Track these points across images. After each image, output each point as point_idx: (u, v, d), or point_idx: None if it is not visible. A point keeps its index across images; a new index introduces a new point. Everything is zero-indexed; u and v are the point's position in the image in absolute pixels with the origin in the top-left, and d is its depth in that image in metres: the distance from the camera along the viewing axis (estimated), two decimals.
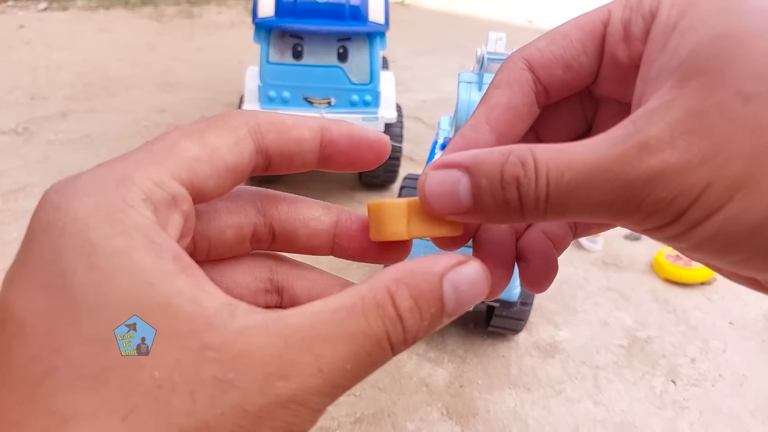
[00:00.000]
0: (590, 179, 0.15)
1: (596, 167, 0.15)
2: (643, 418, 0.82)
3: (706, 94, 0.14)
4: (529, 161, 0.15)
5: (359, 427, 0.78)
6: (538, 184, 0.15)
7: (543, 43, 0.19)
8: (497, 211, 0.16)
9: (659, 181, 0.14)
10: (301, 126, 0.18)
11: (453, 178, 0.16)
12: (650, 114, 0.15)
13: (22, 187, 1.27)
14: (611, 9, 0.18)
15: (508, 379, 0.87)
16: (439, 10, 2.96)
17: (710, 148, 0.14)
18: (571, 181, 0.15)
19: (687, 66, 0.15)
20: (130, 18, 2.50)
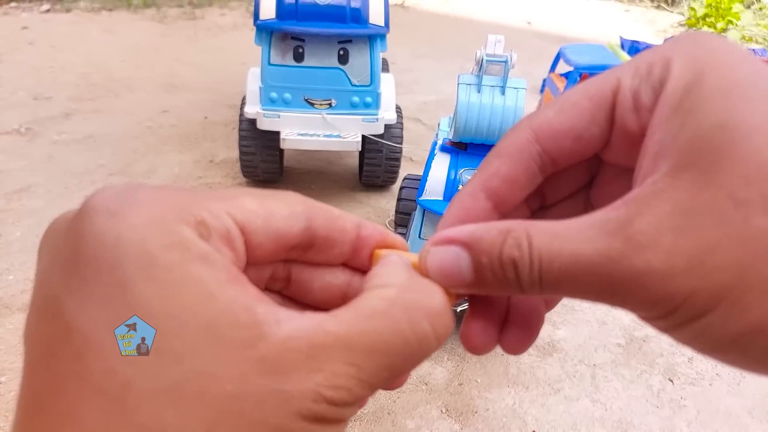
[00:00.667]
0: (577, 270, 0.15)
1: (583, 259, 0.15)
2: (640, 416, 0.82)
3: (697, 190, 0.14)
4: (524, 245, 0.16)
5: (359, 425, 0.79)
6: (532, 268, 0.16)
7: (552, 113, 0.18)
8: (498, 286, 0.17)
9: (643, 284, 0.14)
10: (345, 218, 0.19)
11: (454, 254, 0.17)
12: (641, 202, 0.15)
13: (26, 187, 1.28)
14: (620, 77, 0.17)
15: (507, 378, 0.87)
16: (439, 12, 2.98)
17: (696, 254, 0.14)
18: (560, 269, 0.15)
19: (683, 154, 0.15)
20: (133, 20, 2.52)
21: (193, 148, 1.48)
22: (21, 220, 1.17)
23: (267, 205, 0.17)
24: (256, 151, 1.22)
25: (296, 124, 1.14)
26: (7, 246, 1.09)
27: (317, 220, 0.18)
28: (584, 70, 1.44)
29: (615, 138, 0.18)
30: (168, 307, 0.13)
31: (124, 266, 0.14)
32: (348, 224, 0.19)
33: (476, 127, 0.79)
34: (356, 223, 0.19)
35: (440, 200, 0.82)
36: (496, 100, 0.78)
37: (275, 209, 0.17)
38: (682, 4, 3.16)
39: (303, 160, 1.45)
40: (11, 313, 0.94)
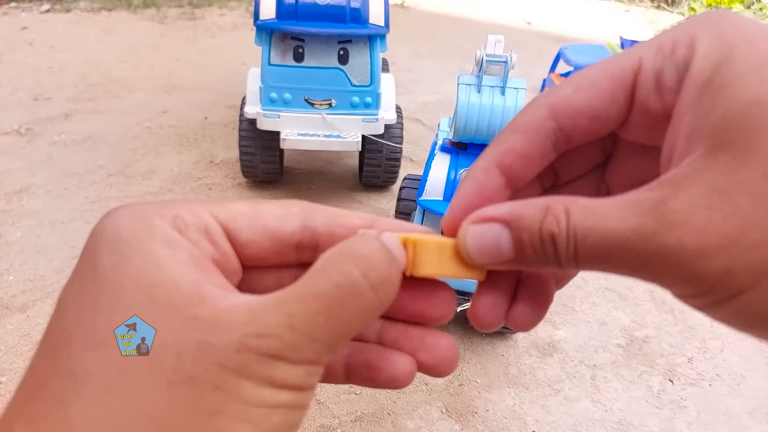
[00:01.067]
0: (610, 246, 0.15)
1: (616, 236, 0.15)
2: (641, 417, 0.82)
3: (732, 170, 0.14)
4: (563, 221, 0.16)
5: (360, 425, 0.78)
6: (569, 244, 0.16)
7: (570, 91, 0.18)
8: (538, 262, 0.17)
9: (675, 262, 0.14)
10: (351, 216, 0.19)
11: (494, 232, 0.17)
12: (677, 183, 0.15)
13: (25, 187, 1.28)
14: (642, 57, 0.17)
15: (507, 378, 0.87)
16: (439, 12, 2.98)
17: (731, 231, 0.14)
18: (594, 245, 0.16)
19: (718, 133, 0.14)
20: (132, 20, 2.52)
21: (192, 149, 1.48)
22: (20, 221, 1.17)
23: (257, 207, 0.18)
24: (256, 152, 1.21)
25: (296, 125, 1.14)
26: (7, 246, 1.09)
27: (316, 219, 0.19)
28: None
29: (634, 117, 0.18)
30: (118, 274, 0.15)
31: (99, 249, 0.16)
32: (356, 220, 0.19)
33: (476, 127, 0.79)
34: (368, 219, 0.20)
35: (440, 200, 0.81)
36: (496, 100, 0.78)
37: (265, 210, 0.18)
38: (682, 4, 3.16)
39: (303, 160, 1.45)
40: (11, 314, 0.94)
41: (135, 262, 0.16)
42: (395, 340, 0.20)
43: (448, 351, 0.20)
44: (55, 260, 1.06)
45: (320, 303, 0.15)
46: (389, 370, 0.19)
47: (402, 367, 0.19)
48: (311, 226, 0.19)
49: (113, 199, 1.26)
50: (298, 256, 0.19)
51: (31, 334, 0.90)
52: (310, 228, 0.19)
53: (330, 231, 0.19)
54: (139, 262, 0.16)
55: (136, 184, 1.31)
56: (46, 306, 0.96)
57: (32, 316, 0.94)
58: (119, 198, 1.26)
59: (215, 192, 1.30)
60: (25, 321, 0.93)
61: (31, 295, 0.98)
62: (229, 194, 1.30)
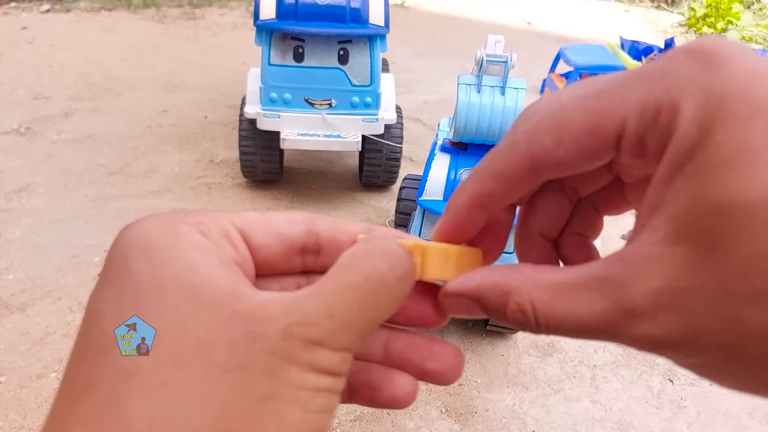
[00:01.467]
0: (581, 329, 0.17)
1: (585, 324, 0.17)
2: (640, 417, 0.82)
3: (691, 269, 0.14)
4: (528, 309, 0.18)
5: (359, 425, 0.78)
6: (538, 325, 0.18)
7: (550, 143, 0.18)
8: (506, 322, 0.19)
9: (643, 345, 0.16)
10: (351, 224, 0.21)
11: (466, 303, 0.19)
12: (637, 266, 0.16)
13: (26, 186, 1.28)
14: (625, 118, 0.17)
15: (507, 378, 0.87)
16: (439, 12, 2.97)
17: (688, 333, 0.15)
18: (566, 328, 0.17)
19: (680, 226, 0.15)
20: (133, 19, 2.52)
21: (192, 148, 1.48)
22: (21, 220, 1.17)
23: (267, 214, 0.20)
24: (256, 151, 1.22)
25: (296, 124, 1.14)
26: (7, 245, 1.09)
27: (319, 224, 0.20)
28: (584, 70, 1.44)
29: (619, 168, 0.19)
30: (155, 277, 0.16)
31: (129, 256, 0.17)
32: (355, 227, 0.21)
33: (476, 127, 0.79)
34: (365, 228, 0.21)
35: (440, 200, 0.81)
36: (496, 100, 0.78)
37: (275, 216, 0.20)
38: (682, 5, 3.16)
39: (303, 160, 1.45)
40: (11, 313, 0.94)
41: (171, 265, 0.16)
42: (402, 351, 0.21)
43: (455, 357, 0.21)
44: (54, 259, 1.06)
45: (355, 293, 0.17)
46: (391, 389, 0.20)
47: (403, 387, 0.21)
48: (315, 230, 0.20)
49: (113, 198, 1.26)
50: (302, 261, 0.21)
51: (30, 333, 0.90)
52: (314, 232, 0.20)
53: (332, 236, 0.21)
54: (176, 266, 0.16)
55: (137, 183, 1.31)
56: (45, 305, 0.96)
57: (32, 315, 0.94)
58: (119, 197, 1.26)
59: (215, 191, 1.30)
60: (24, 320, 0.93)
61: (31, 294, 0.98)
62: (229, 194, 1.30)
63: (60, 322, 0.93)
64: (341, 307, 0.17)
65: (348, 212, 1.26)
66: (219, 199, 1.27)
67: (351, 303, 0.17)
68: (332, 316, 0.17)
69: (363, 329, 0.17)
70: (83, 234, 1.13)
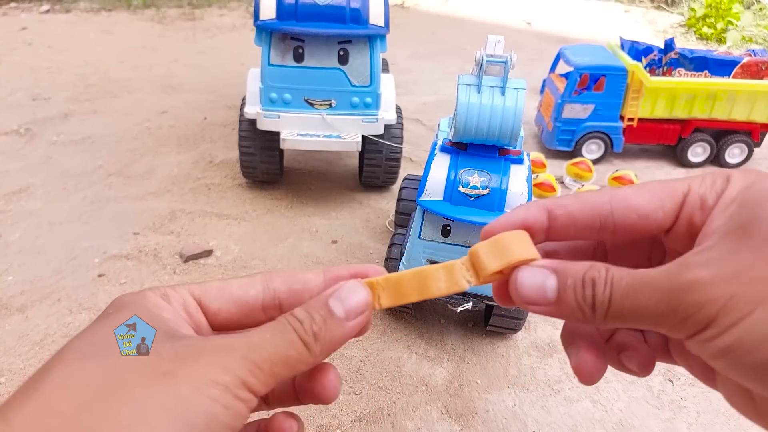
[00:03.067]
0: (641, 286, 0.20)
1: (647, 278, 0.20)
2: (641, 417, 0.82)
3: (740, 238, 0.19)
4: (603, 272, 0.21)
5: (359, 425, 0.78)
6: (605, 287, 0.20)
7: (631, 191, 0.23)
8: (575, 306, 0.21)
9: (693, 290, 0.19)
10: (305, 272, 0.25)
11: (543, 274, 0.21)
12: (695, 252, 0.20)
13: (24, 188, 1.27)
14: (691, 184, 0.23)
15: (507, 379, 0.87)
16: (439, 13, 2.97)
17: (736, 269, 0.18)
18: (628, 285, 0.20)
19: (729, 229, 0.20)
20: (132, 20, 2.51)
21: (192, 149, 1.47)
22: (19, 222, 1.16)
23: (226, 281, 0.24)
24: (256, 152, 1.21)
25: (296, 125, 1.14)
26: (6, 247, 1.09)
27: (274, 281, 0.24)
28: (584, 71, 1.44)
29: (680, 227, 0.23)
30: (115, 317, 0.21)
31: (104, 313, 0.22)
32: (310, 275, 0.25)
33: (476, 127, 0.78)
34: (320, 272, 0.25)
35: (440, 201, 0.81)
36: (496, 100, 0.78)
37: (233, 281, 0.24)
38: (681, 5, 3.16)
39: (303, 160, 1.45)
40: (10, 314, 0.94)
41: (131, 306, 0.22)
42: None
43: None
44: (53, 261, 1.06)
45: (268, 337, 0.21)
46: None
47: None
48: (271, 287, 0.24)
49: (112, 199, 1.25)
50: (266, 316, 0.24)
51: (29, 334, 0.90)
52: (271, 289, 0.24)
53: (288, 288, 0.24)
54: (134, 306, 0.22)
55: (135, 185, 1.31)
56: (44, 307, 0.96)
57: (31, 317, 0.93)
58: (118, 198, 1.26)
59: (214, 192, 1.30)
60: (23, 322, 0.92)
61: (30, 295, 0.98)
62: (228, 194, 1.29)
63: (59, 323, 0.92)
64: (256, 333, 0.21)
65: (348, 213, 1.26)
66: (218, 200, 1.27)
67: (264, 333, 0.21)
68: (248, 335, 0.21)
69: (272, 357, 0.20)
70: (82, 236, 1.13)
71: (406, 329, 0.95)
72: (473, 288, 0.86)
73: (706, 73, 1.44)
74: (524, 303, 0.22)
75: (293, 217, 1.23)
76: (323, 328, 0.22)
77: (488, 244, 0.22)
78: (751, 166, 1.54)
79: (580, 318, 0.21)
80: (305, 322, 0.22)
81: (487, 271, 0.22)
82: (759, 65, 1.42)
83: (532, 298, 0.21)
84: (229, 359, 0.20)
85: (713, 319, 0.18)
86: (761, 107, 1.44)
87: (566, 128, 1.49)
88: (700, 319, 0.19)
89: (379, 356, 0.89)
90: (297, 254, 1.11)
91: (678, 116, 1.47)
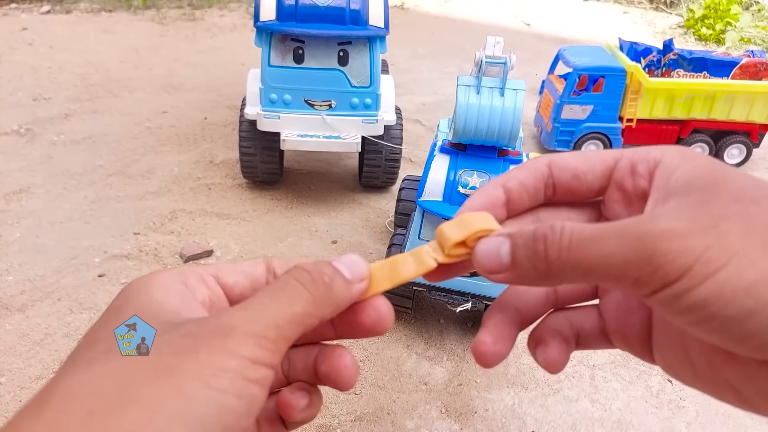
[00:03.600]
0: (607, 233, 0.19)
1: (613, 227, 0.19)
2: (640, 417, 0.83)
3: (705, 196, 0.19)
4: (557, 225, 0.20)
5: (359, 425, 0.79)
6: (562, 237, 0.20)
7: (568, 156, 0.25)
8: (528, 264, 0.21)
9: (668, 236, 0.18)
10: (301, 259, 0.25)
11: (497, 242, 0.22)
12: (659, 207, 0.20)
13: (25, 187, 1.28)
14: (624, 152, 0.24)
15: (506, 378, 0.87)
16: (438, 14, 2.98)
17: (710, 222, 0.18)
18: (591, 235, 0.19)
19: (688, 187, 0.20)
20: (132, 21, 2.52)
21: (192, 149, 1.48)
22: (20, 221, 1.17)
23: (237, 263, 0.26)
24: (256, 152, 1.22)
25: (296, 125, 1.14)
26: (6, 247, 1.09)
27: (274, 263, 0.26)
28: (583, 72, 1.44)
29: (612, 193, 0.24)
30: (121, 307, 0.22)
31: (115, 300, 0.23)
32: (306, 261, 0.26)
33: (475, 128, 0.79)
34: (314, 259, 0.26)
35: (440, 201, 0.82)
36: (495, 101, 0.78)
37: (242, 262, 0.26)
38: (680, 6, 3.17)
39: (303, 161, 1.45)
40: (10, 314, 0.94)
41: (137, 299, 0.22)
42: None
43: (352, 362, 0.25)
44: (54, 260, 1.06)
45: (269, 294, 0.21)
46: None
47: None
48: (272, 267, 0.26)
49: (112, 199, 1.26)
50: None
51: (30, 334, 0.90)
52: (272, 268, 0.26)
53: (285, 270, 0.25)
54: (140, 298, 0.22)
55: (136, 184, 1.31)
56: (45, 306, 0.96)
57: (31, 317, 0.94)
58: (118, 198, 1.26)
59: (215, 192, 1.30)
60: (24, 321, 0.93)
61: (30, 295, 0.98)
62: (228, 194, 1.30)
63: (59, 323, 0.93)
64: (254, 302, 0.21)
65: (348, 213, 1.26)
66: (219, 199, 1.27)
67: (262, 298, 0.21)
68: (245, 307, 0.20)
69: (277, 320, 0.20)
70: (82, 235, 1.13)
71: (405, 329, 0.95)
72: (473, 288, 0.86)
73: (704, 74, 1.45)
74: (485, 272, 0.22)
75: (293, 217, 1.23)
76: (333, 280, 0.22)
77: (453, 221, 0.23)
78: (750, 167, 1.55)
79: (536, 277, 0.21)
80: (314, 272, 0.22)
81: (450, 242, 0.23)
82: (757, 66, 1.43)
83: (490, 265, 0.22)
84: (230, 342, 0.19)
85: (689, 269, 0.17)
86: (760, 108, 1.44)
87: (565, 129, 1.49)
88: (674, 269, 0.18)
89: (378, 356, 0.90)
90: (297, 254, 1.11)
91: (677, 117, 1.47)
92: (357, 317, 0.24)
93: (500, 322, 0.26)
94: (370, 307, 0.24)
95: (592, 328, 0.26)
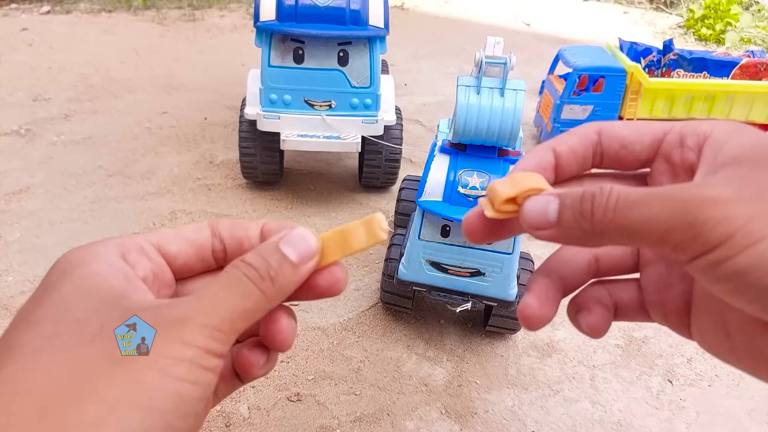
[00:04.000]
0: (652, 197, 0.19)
1: (659, 191, 0.19)
2: (640, 418, 0.83)
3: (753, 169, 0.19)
4: (606, 186, 0.20)
5: (359, 426, 0.78)
6: (609, 198, 0.20)
7: (618, 125, 0.25)
8: (573, 223, 0.21)
9: (712, 203, 0.18)
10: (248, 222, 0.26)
11: (546, 200, 0.22)
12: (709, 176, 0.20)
13: (25, 188, 1.28)
14: (674, 125, 0.24)
15: (507, 379, 0.87)
16: (438, 14, 2.98)
17: (757, 192, 0.18)
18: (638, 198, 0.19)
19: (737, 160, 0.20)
20: (132, 21, 2.52)
21: (192, 149, 1.48)
22: (20, 221, 1.17)
23: (180, 228, 0.25)
24: (256, 153, 1.22)
25: (296, 126, 1.14)
26: (6, 247, 1.09)
27: (220, 226, 0.26)
28: (583, 72, 1.44)
29: (659, 164, 0.24)
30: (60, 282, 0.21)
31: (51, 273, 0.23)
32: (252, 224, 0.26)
33: (475, 128, 0.79)
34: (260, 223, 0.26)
35: (440, 201, 0.82)
36: (495, 101, 0.78)
37: (184, 227, 0.25)
38: (680, 6, 3.17)
39: (303, 161, 1.45)
40: (10, 315, 0.94)
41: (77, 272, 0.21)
42: None
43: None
44: (53, 261, 1.06)
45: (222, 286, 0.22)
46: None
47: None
48: (218, 232, 0.25)
49: (112, 199, 1.26)
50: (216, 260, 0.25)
51: None
52: (217, 232, 0.25)
53: (231, 234, 0.25)
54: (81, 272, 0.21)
55: (136, 185, 1.31)
56: None
57: None
58: (118, 198, 1.26)
59: (215, 192, 1.30)
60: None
61: (30, 295, 0.98)
62: (228, 195, 1.30)
63: None
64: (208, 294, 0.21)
65: (348, 213, 1.26)
66: (219, 200, 1.27)
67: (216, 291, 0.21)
68: (200, 298, 0.21)
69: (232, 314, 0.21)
70: (82, 235, 1.13)
71: (405, 329, 0.95)
72: (473, 288, 0.86)
73: (704, 74, 1.45)
74: (530, 228, 0.22)
75: (293, 217, 1.23)
76: (279, 272, 0.22)
77: (505, 179, 0.24)
78: None
79: (579, 236, 0.21)
80: (261, 268, 0.22)
81: (501, 198, 0.23)
82: (758, 66, 1.43)
83: (536, 221, 0.22)
84: (186, 332, 0.19)
85: (730, 237, 0.17)
86: (760, 108, 1.44)
87: (565, 129, 1.49)
88: (714, 236, 0.18)
89: (378, 356, 0.90)
90: None
91: (677, 117, 1.47)
92: (311, 282, 0.24)
93: (545, 287, 0.25)
94: (326, 272, 0.24)
95: (630, 300, 0.26)
